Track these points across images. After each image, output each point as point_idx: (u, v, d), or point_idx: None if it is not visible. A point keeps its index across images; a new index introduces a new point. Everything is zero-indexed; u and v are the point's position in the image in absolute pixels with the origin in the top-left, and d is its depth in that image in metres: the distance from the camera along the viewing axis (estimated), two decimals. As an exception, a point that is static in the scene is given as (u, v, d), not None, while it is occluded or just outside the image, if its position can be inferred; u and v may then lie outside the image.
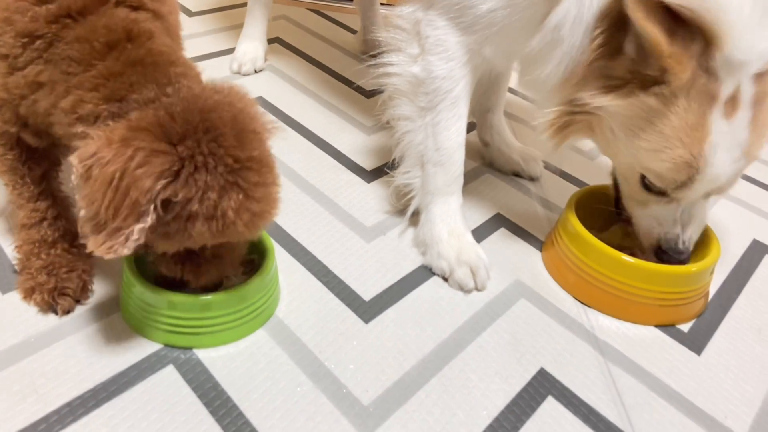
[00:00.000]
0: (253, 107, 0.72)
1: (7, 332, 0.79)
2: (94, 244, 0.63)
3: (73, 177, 0.63)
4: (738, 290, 1.01)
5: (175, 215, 0.65)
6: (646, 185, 0.85)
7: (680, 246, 0.89)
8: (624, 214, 0.95)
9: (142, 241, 0.64)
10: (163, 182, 0.62)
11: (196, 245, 0.70)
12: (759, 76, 0.75)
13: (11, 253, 0.87)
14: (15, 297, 0.83)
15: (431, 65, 0.92)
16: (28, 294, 0.82)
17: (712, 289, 1.00)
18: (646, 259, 0.91)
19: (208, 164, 0.64)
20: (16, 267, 0.85)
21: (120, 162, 0.61)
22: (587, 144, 1.32)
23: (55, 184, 0.87)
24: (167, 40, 0.73)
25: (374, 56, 1.00)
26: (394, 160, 1.04)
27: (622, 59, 0.78)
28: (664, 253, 0.90)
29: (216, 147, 0.65)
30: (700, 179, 0.79)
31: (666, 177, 0.81)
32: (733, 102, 0.76)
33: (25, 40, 0.70)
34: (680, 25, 0.72)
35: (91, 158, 0.62)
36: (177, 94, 0.67)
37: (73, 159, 0.63)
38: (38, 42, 0.70)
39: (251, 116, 0.70)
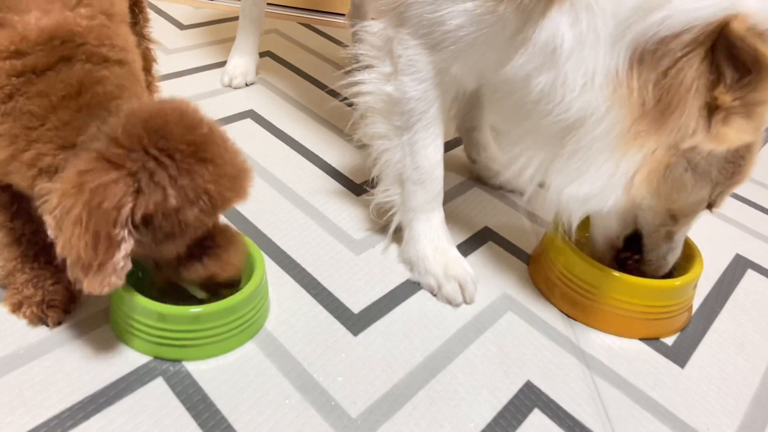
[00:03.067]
0: (189, 105, 0.74)
1: (-4, 344, 0.79)
2: (89, 286, 0.66)
3: (50, 232, 0.66)
4: (721, 304, 1.03)
5: (163, 216, 0.67)
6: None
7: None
8: (644, 258, 0.93)
9: (129, 267, 0.67)
10: (128, 207, 0.65)
11: (200, 231, 0.72)
12: None
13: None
14: (2, 310, 0.83)
15: (404, 86, 0.92)
16: (16, 308, 0.82)
17: (696, 303, 1.01)
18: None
19: (162, 161, 0.66)
20: (1, 283, 0.85)
21: (80, 204, 0.64)
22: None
23: (28, 204, 0.86)
24: (124, 82, 0.75)
25: (348, 72, 1.00)
26: (372, 179, 1.04)
27: (724, 88, 0.72)
28: (670, 271, 0.93)
29: (165, 143, 0.67)
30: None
31: (724, 192, 0.83)
32: None
33: None
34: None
35: (56, 210, 0.65)
36: (118, 117, 0.70)
37: (44, 216, 0.66)
38: None
39: (190, 110, 0.72)
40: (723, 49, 0.71)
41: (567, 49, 0.75)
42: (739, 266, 1.13)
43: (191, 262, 0.76)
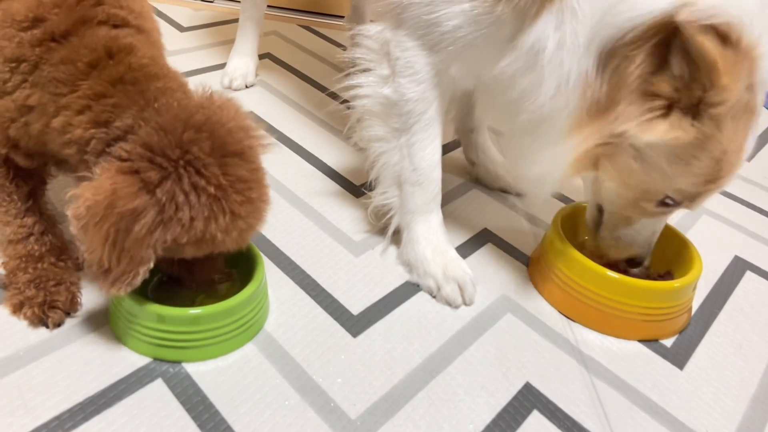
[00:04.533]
0: (244, 123, 0.73)
1: (-4, 345, 0.79)
2: (104, 286, 0.68)
3: (71, 228, 0.67)
4: (720, 306, 1.03)
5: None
6: (664, 203, 0.84)
7: (647, 256, 0.94)
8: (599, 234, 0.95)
9: (147, 275, 0.69)
10: (159, 230, 0.67)
11: (187, 257, 0.74)
12: None
13: (-1, 268, 0.88)
14: (3, 311, 0.83)
15: (402, 88, 0.92)
16: (17, 309, 0.82)
17: (695, 305, 1.01)
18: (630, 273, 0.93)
19: (190, 200, 0.67)
20: (2, 282, 0.85)
21: (111, 220, 0.65)
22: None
23: (41, 201, 0.87)
24: (151, 51, 0.74)
25: (346, 75, 0.99)
26: (370, 181, 1.04)
27: (665, 77, 0.74)
28: (635, 263, 0.94)
29: (198, 179, 0.67)
30: (719, 189, 0.82)
31: (693, 193, 0.82)
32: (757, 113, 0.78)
33: (13, 65, 0.73)
34: (729, 44, 0.71)
35: (85, 215, 0.65)
36: (155, 118, 0.69)
37: (68, 213, 0.66)
38: (23, 65, 0.72)
39: (240, 135, 0.71)
40: (678, 44, 0.72)
41: (549, 51, 0.78)
42: (737, 268, 1.13)
43: (168, 262, 0.77)
